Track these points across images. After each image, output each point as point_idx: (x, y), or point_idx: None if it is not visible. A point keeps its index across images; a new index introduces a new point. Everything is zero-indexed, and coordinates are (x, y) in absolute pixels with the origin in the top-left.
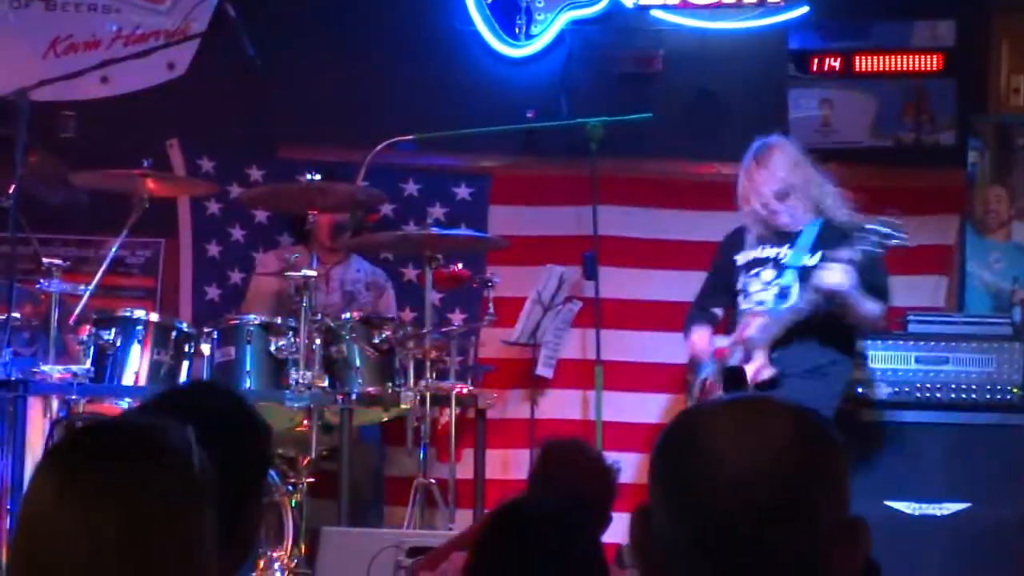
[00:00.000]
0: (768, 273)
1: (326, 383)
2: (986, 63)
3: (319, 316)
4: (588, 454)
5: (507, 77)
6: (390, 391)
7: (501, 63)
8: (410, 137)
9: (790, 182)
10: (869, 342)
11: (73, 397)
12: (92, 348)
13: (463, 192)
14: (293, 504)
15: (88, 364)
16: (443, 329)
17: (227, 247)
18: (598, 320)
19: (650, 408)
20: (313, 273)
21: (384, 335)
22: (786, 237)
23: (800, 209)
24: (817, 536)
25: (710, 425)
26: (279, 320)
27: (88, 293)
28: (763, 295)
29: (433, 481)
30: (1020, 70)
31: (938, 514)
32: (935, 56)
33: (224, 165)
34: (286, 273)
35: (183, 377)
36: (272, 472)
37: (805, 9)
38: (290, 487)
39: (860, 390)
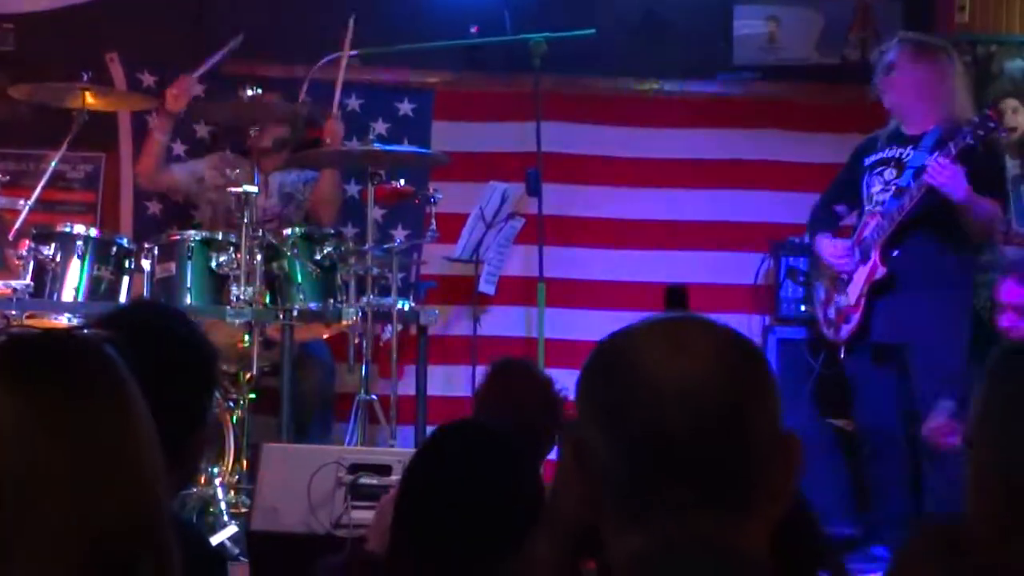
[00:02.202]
0: (890, 173)
1: (267, 299)
2: None
3: (260, 232)
4: (538, 378)
5: None
6: (331, 307)
7: None
8: (353, 52)
9: (930, 89)
10: (811, 260)
11: (12, 312)
12: (31, 263)
13: (406, 108)
14: (234, 420)
15: (28, 279)
16: (385, 245)
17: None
18: (541, 236)
19: (593, 325)
20: (254, 189)
21: (326, 251)
22: (911, 140)
23: (931, 115)
24: (753, 451)
25: (642, 344)
26: (220, 236)
27: (28, 208)
28: (883, 195)
29: (375, 397)
30: None
31: None
32: None
33: (165, 79)
34: (229, 189)
35: (123, 293)
36: None
37: None
38: (231, 403)
39: (802, 308)
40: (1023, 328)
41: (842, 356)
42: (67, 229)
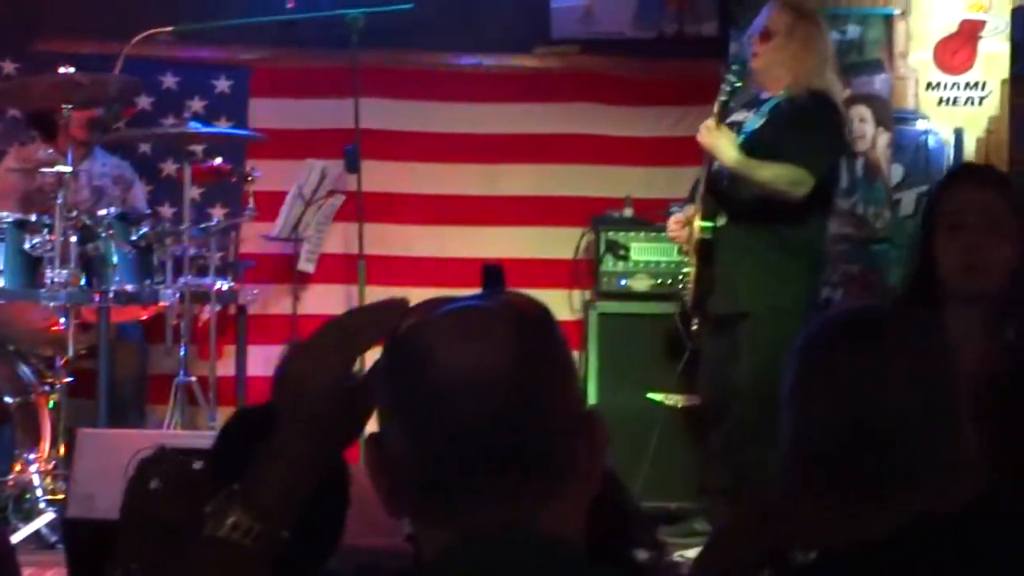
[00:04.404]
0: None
1: (83, 281)
2: None
3: (74, 213)
4: None
5: None
6: (148, 288)
7: None
8: (168, 29)
9: (776, 52)
10: (631, 234)
11: None
12: None
13: (222, 85)
14: (51, 405)
15: None
16: (202, 225)
17: None
18: (361, 214)
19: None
20: (68, 169)
21: (142, 231)
22: (756, 103)
23: (778, 78)
24: (552, 434)
25: (430, 335)
26: (33, 217)
27: None
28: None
29: (194, 379)
30: None
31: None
32: None
33: None
34: (41, 169)
35: None
36: (28, 371)
37: None
38: (47, 387)
39: (623, 282)
40: None
41: (694, 328)
42: None
